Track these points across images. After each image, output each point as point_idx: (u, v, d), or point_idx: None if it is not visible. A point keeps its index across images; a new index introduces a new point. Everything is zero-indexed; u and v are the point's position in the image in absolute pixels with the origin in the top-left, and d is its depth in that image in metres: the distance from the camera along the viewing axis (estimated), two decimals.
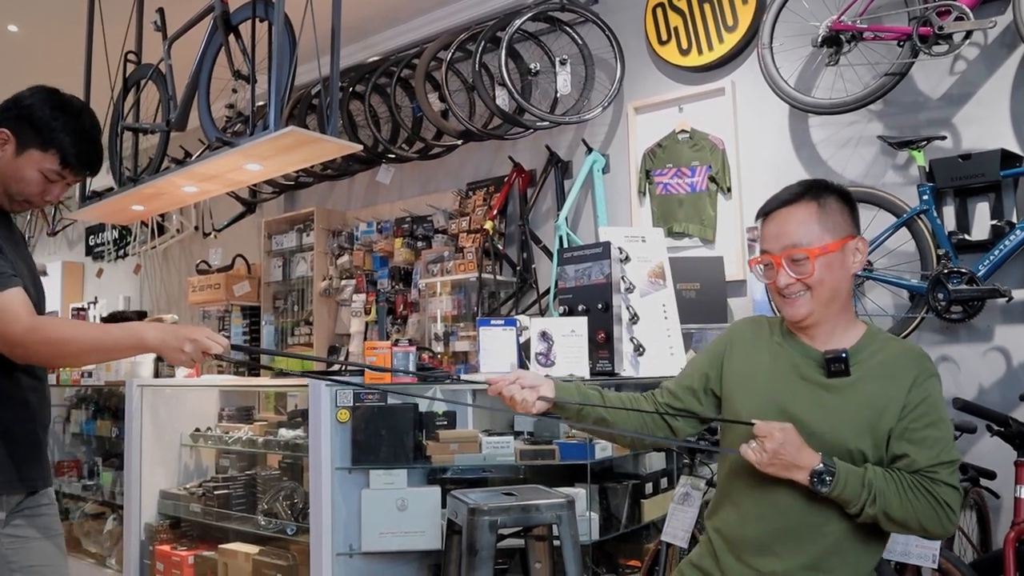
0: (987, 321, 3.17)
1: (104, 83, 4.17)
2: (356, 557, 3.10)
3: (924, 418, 1.66)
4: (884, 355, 1.73)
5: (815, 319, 1.75)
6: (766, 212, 1.80)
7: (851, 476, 1.61)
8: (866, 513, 1.61)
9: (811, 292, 1.72)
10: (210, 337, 1.83)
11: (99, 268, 8.44)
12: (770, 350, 1.83)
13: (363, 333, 5.33)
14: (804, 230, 1.72)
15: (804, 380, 1.74)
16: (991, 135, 3.21)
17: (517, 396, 1.77)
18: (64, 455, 5.21)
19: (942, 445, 1.65)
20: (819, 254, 1.70)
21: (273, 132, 3.08)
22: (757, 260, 1.80)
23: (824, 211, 1.74)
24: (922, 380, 1.69)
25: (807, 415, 1.69)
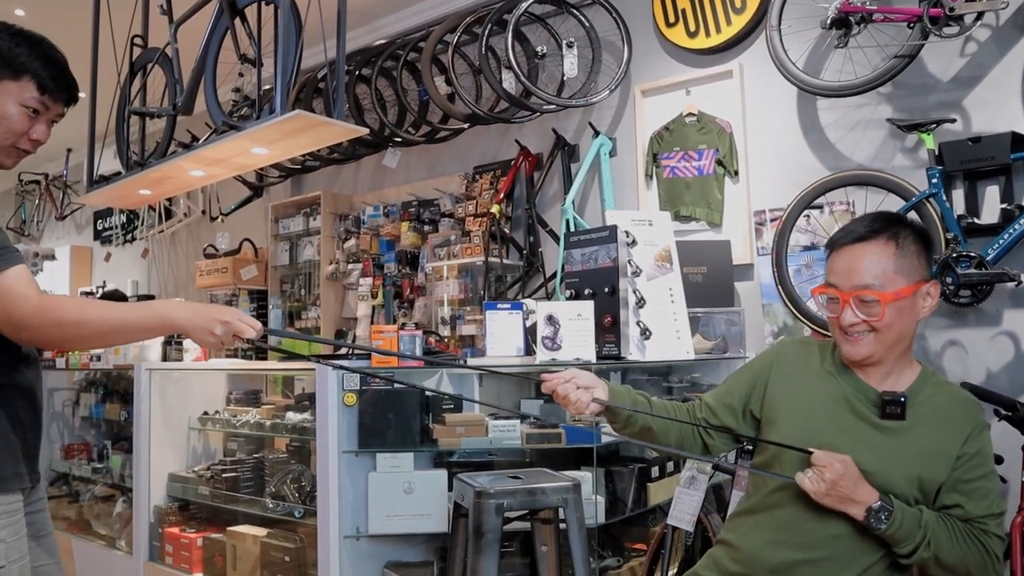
0: (996, 305, 3.15)
1: (111, 67, 4.17)
2: (363, 540, 3.12)
3: (977, 470, 1.64)
4: (939, 401, 1.69)
5: (875, 360, 1.70)
6: (838, 244, 1.72)
7: (907, 516, 1.58)
8: (918, 555, 1.58)
9: (876, 335, 1.66)
10: (242, 319, 1.73)
11: (107, 252, 8.46)
12: (820, 377, 1.77)
13: (370, 317, 5.34)
14: (878, 271, 1.65)
15: (856, 416, 1.70)
16: (1002, 118, 3.18)
17: (572, 396, 1.73)
18: (74, 438, 5.24)
19: (993, 497, 1.64)
20: (891, 300, 1.63)
21: (279, 116, 3.08)
22: (822, 290, 1.73)
23: (901, 252, 1.66)
24: (977, 433, 1.66)
25: (856, 453, 1.63)
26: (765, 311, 3.65)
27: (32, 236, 9.45)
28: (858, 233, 1.68)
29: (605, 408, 1.77)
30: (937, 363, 3.28)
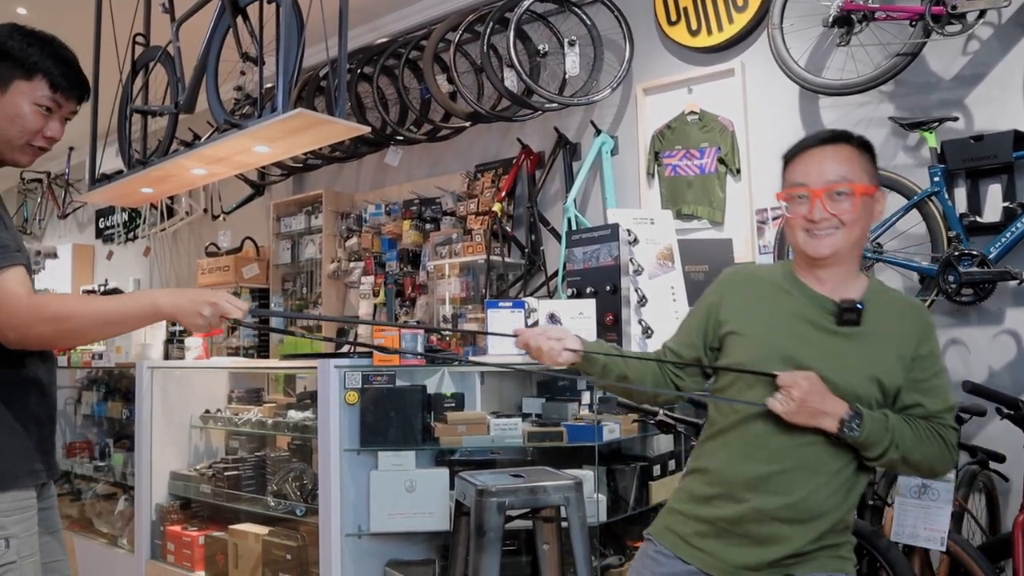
0: (998, 304, 3.15)
1: (113, 66, 4.17)
2: (365, 538, 3.12)
3: (931, 369, 1.72)
4: (890, 308, 1.75)
5: (838, 259, 1.74)
6: (803, 148, 1.77)
7: (876, 422, 1.63)
8: (886, 457, 1.64)
9: (843, 231, 1.71)
10: (229, 301, 1.74)
11: (109, 250, 8.47)
12: (774, 296, 1.81)
13: (371, 315, 5.34)
14: (848, 168, 1.71)
15: (814, 327, 1.74)
16: (1004, 116, 3.18)
17: (544, 345, 1.78)
18: (76, 436, 5.25)
19: (946, 393, 1.73)
20: (863, 192, 1.70)
21: (281, 114, 3.08)
22: (789, 191, 1.76)
23: (861, 157, 1.74)
24: (928, 334, 1.74)
25: (816, 362, 1.68)
26: None
27: (34, 234, 9.46)
28: (823, 137, 1.76)
29: (581, 360, 1.81)
30: None
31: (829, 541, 1.72)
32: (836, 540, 1.73)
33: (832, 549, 1.73)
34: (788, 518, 1.69)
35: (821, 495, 1.68)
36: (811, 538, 1.69)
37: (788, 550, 1.69)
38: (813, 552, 1.70)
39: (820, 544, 1.70)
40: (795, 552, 1.69)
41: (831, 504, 1.70)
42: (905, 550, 2.45)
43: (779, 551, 1.69)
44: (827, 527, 1.70)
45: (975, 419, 2.91)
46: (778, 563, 1.70)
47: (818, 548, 1.71)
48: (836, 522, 1.71)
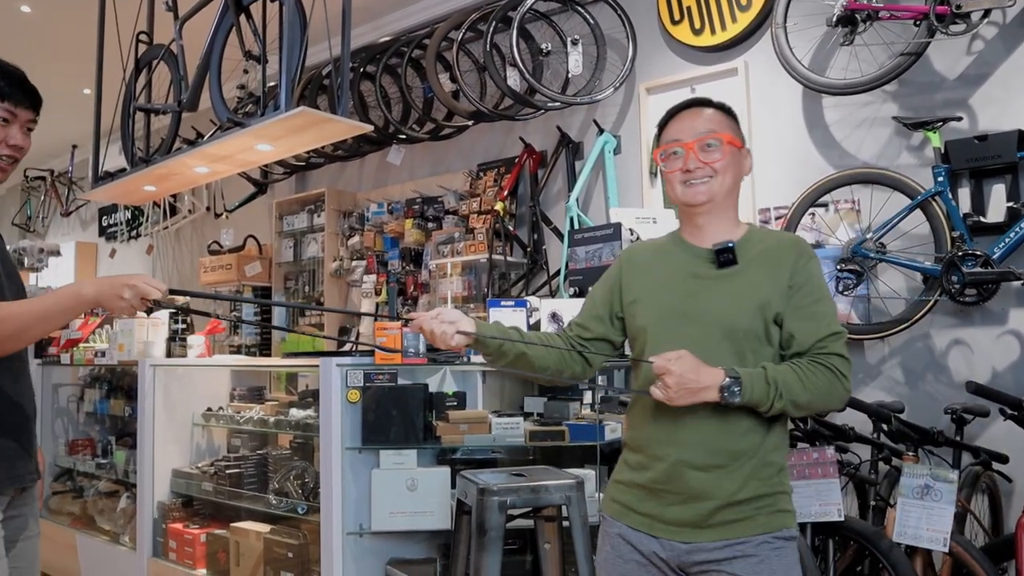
0: (1001, 304, 3.14)
1: (116, 64, 4.17)
2: (366, 537, 3.12)
3: (810, 295, 1.78)
4: (767, 244, 1.84)
5: (713, 206, 1.84)
6: (675, 112, 1.90)
7: (755, 379, 1.68)
8: (775, 408, 1.69)
9: (715, 179, 1.82)
10: (148, 282, 1.80)
11: (112, 248, 8.48)
12: (664, 260, 1.92)
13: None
14: (716, 122, 1.85)
15: (697, 278, 1.83)
16: (1008, 116, 3.17)
17: (437, 329, 1.80)
18: (78, 434, 5.26)
19: (829, 318, 1.77)
20: (730, 141, 1.83)
21: (284, 112, 3.08)
22: (664, 148, 1.87)
23: (726, 118, 1.89)
24: (804, 262, 1.80)
25: (702, 306, 1.79)
26: None
27: (37, 232, 9.47)
28: (694, 101, 1.91)
29: (474, 341, 1.85)
30: (941, 361, 3.28)
31: (762, 490, 1.75)
32: (768, 489, 1.76)
33: (768, 502, 1.75)
34: (708, 464, 1.74)
35: (734, 436, 1.74)
36: (738, 484, 1.73)
37: (720, 499, 1.73)
38: (747, 503, 1.73)
39: (752, 493, 1.74)
40: (728, 501, 1.73)
41: (747, 444, 1.74)
42: (907, 551, 2.45)
43: (711, 502, 1.74)
44: (750, 470, 1.74)
45: (978, 420, 2.91)
46: (716, 516, 1.73)
47: (751, 498, 1.73)
48: (760, 464, 1.75)
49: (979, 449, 2.90)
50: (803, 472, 2.57)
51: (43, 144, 8.55)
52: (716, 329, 1.76)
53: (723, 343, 1.75)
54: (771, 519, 1.75)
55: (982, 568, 2.33)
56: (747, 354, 1.75)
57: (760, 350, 1.76)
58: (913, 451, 2.65)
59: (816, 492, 2.54)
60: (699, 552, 1.75)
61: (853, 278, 3.28)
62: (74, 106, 6.78)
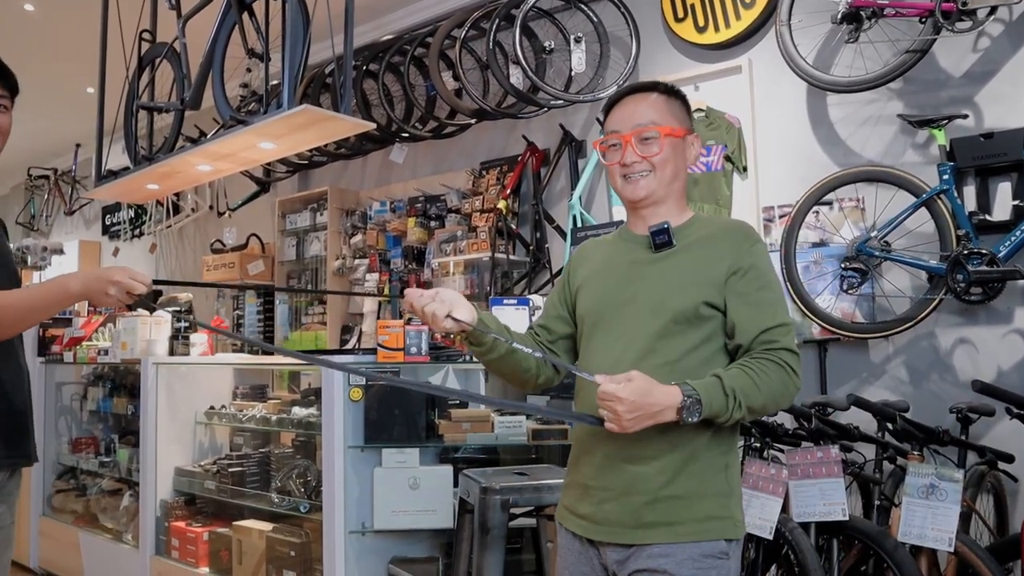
0: (1007, 303, 3.12)
1: (119, 62, 4.16)
2: (368, 535, 3.12)
3: (755, 282, 1.71)
4: (710, 229, 1.80)
5: (656, 198, 1.81)
6: (615, 100, 1.85)
7: (713, 392, 1.59)
8: (733, 418, 1.62)
9: (654, 173, 1.78)
10: (133, 277, 1.85)
11: (115, 247, 8.49)
12: (606, 253, 1.89)
13: (376, 312, 5.34)
14: (655, 113, 1.79)
15: (636, 264, 1.80)
16: (1015, 114, 3.15)
17: (428, 309, 1.69)
18: (81, 432, 5.26)
19: (776, 307, 1.71)
20: (669, 133, 1.77)
21: (287, 110, 3.07)
22: (603, 142, 1.83)
23: (670, 104, 1.83)
24: (749, 246, 1.75)
25: (639, 290, 1.75)
26: None
27: (41, 231, 9.49)
28: (635, 88, 1.85)
29: (467, 332, 1.75)
30: (946, 360, 3.26)
31: (695, 488, 1.67)
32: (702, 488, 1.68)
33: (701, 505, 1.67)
34: (637, 456, 1.69)
35: (666, 427, 1.63)
36: (667, 476, 1.66)
37: (649, 494, 1.67)
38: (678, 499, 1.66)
39: (683, 490, 1.67)
40: (656, 496, 1.66)
41: (680, 436, 1.66)
42: (912, 551, 2.44)
43: (641, 497, 1.68)
44: (681, 463, 1.67)
45: (984, 419, 2.90)
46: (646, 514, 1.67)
47: (682, 496, 1.67)
48: (693, 459, 1.68)
49: (985, 448, 2.89)
50: (807, 471, 2.56)
51: (46, 143, 8.56)
52: (647, 311, 1.72)
53: (652, 324, 1.70)
54: (704, 527, 1.67)
55: (987, 568, 2.31)
56: (675, 336, 1.69)
57: (688, 332, 1.69)
58: (918, 450, 2.64)
59: (820, 491, 2.53)
60: (633, 561, 1.69)
61: (857, 277, 3.26)
62: (77, 105, 6.78)
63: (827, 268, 3.44)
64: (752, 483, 2.65)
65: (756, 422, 2.77)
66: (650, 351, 1.70)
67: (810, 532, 2.54)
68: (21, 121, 8.03)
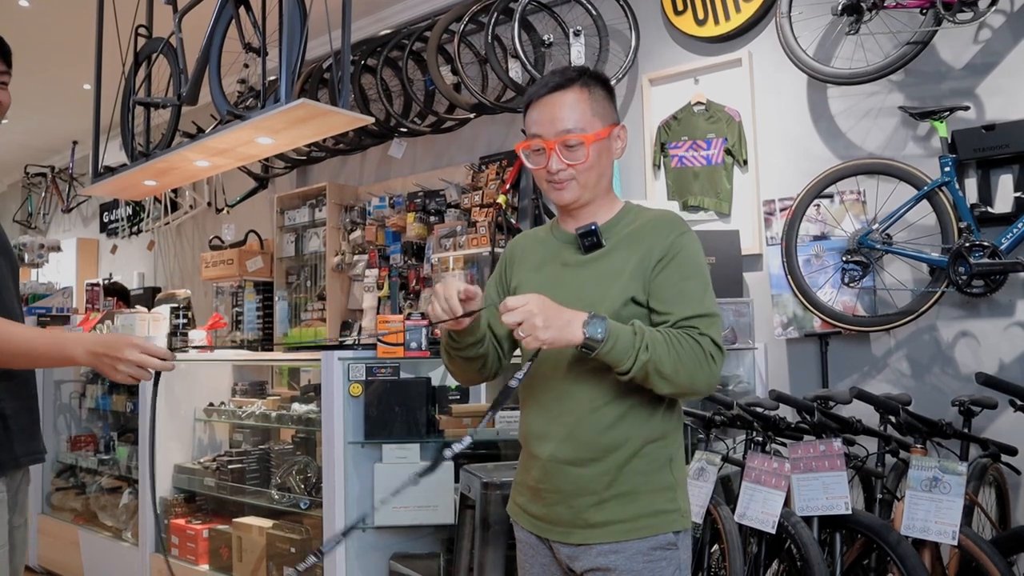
0: (1009, 296, 3.11)
1: (115, 57, 4.15)
2: (369, 531, 3.11)
3: (679, 271, 1.68)
4: (638, 223, 1.76)
5: (584, 201, 1.77)
6: (536, 97, 1.76)
7: (621, 329, 1.57)
8: (638, 364, 1.56)
9: (579, 178, 1.73)
10: (147, 351, 1.74)
11: (113, 244, 8.47)
12: (538, 251, 1.85)
13: (376, 308, 5.32)
14: (578, 116, 1.71)
15: (566, 266, 1.76)
16: (1016, 105, 3.14)
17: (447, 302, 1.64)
18: (80, 430, 5.25)
19: (699, 298, 1.67)
20: (594, 140, 1.71)
21: (284, 104, 3.06)
22: (527, 144, 1.76)
23: (593, 98, 1.75)
24: (675, 237, 1.71)
25: (566, 294, 1.67)
26: (774, 301, 3.61)
27: (39, 228, 9.47)
28: (554, 83, 1.74)
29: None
30: (948, 353, 3.25)
31: (639, 485, 1.67)
32: (646, 484, 1.68)
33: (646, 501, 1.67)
34: (579, 459, 1.68)
35: (605, 428, 1.65)
36: (610, 477, 1.66)
37: (594, 494, 1.67)
38: (622, 497, 1.66)
39: (627, 487, 1.66)
40: (602, 497, 1.66)
41: (620, 435, 1.66)
42: (915, 544, 2.43)
43: (587, 498, 1.67)
44: (623, 462, 1.66)
45: (986, 412, 2.89)
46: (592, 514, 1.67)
47: (626, 493, 1.66)
48: (635, 456, 1.67)
49: (988, 441, 2.88)
50: (810, 465, 2.55)
51: (43, 140, 8.54)
52: None
53: None
54: (651, 522, 1.67)
55: (991, 561, 2.30)
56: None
57: None
58: (921, 443, 2.63)
59: (823, 485, 2.52)
60: (584, 558, 1.69)
61: (859, 270, 3.25)
62: (74, 101, 6.76)
63: (828, 261, 3.43)
64: (754, 477, 2.64)
65: (758, 416, 2.76)
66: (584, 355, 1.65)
67: (813, 526, 2.53)
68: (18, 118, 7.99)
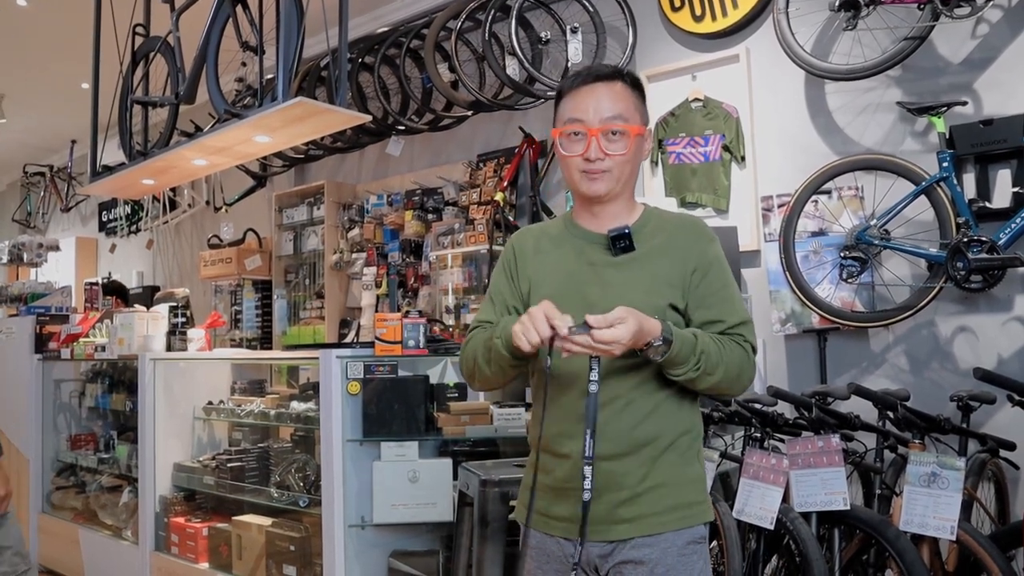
0: (1007, 291, 3.11)
1: (113, 56, 4.15)
2: (368, 529, 3.11)
3: (717, 281, 1.72)
4: (665, 227, 1.77)
5: (614, 195, 1.74)
6: (577, 84, 1.73)
7: (682, 333, 1.60)
8: (695, 367, 1.60)
9: (615, 170, 1.71)
10: None
11: (112, 243, 8.48)
12: (557, 246, 1.80)
13: (374, 306, 5.32)
14: (624, 106, 1.70)
15: (594, 266, 1.73)
16: (1014, 100, 3.13)
17: None
18: (80, 429, 5.26)
19: (738, 303, 1.73)
20: (638, 132, 1.71)
21: (282, 103, 3.06)
22: (566, 128, 1.72)
23: (634, 96, 1.74)
24: (705, 245, 1.74)
25: (600, 295, 1.67)
26: (772, 298, 3.61)
27: (38, 228, 9.47)
28: (601, 73, 1.73)
29: None
30: (946, 349, 3.25)
31: (671, 478, 1.67)
32: (676, 478, 1.68)
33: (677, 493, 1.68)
34: (612, 454, 1.66)
35: (636, 422, 1.64)
36: (644, 470, 1.65)
37: (628, 489, 1.66)
38: (655, 490, 1.65)
39: (660, 480, 1.66)
40: (635, 491, 1.65)
41: (652, 429, 1.66)
42: (913, 539, 2.43)
43: (620, 493, 1.66)
44: (656, 455, 1.66)
45: (984, 407, 2.88)
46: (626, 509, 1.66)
47: (659, 486, 1.66)
48: (667, 450, 1.68)
49: (986, 436, 2.88)
50: (808, 461, 2.55)
51: (42, 139, 8.54)
52: None
53: None
54: (685, 514, 1.69)
55: (990, 556, 2.30)
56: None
57: None
58: (920, 439, 2.63)
59: (821, 481, 2.52)
60: (616, 553, 1.68)
61: (857, 265, 3.24)
62: (72, 101, 6.74)
63: (826, 257, 3.42)
64: (753, 473, 2.64)
65: (756, 412, 2.76)
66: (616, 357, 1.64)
67: (811, 522, 2.53)
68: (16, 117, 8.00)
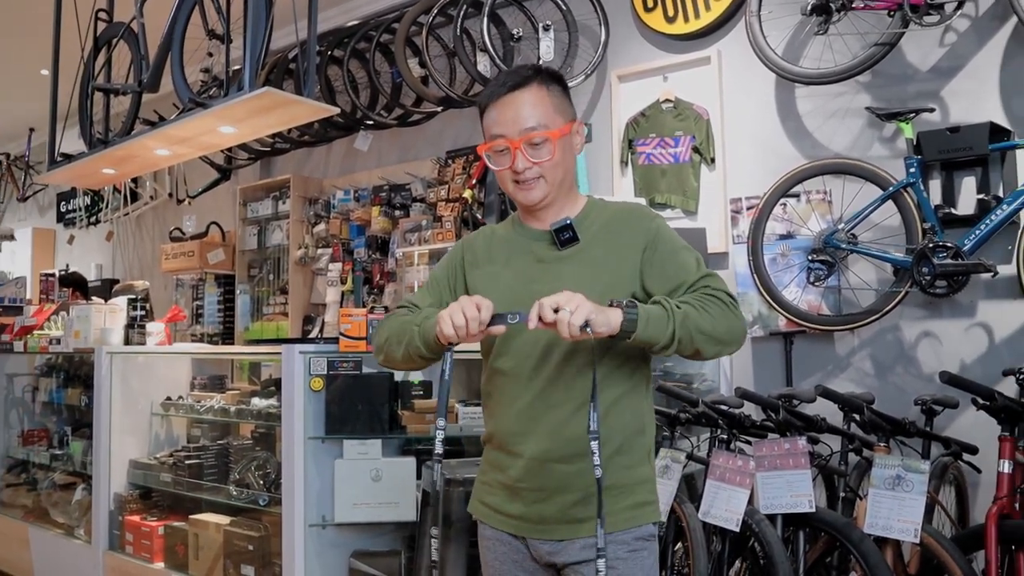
0: (970, 296, 3.14)
1: (74, 42, 4.05)
2: (329, 528, 3.06)
3: (668, 248, 1.71)
4: (608, 214, 1.78)
5: (550, 199, 1.75)
6: (494, 98, 1.73)
7: (647, 306, 1.57)
8: (679, 331, 1.55)
9: (546, 176, 1.71)
10: None
11: (70, 235, 8.30)
12: (504, 250, 1.81)
13: (339, 302, 5.26)
14: (540, 113, 1.70)
15: (541, 262, 1.74)
16: (980, 108, 3.17)
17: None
18: (33, 424, 5.12)
19: (697, 264, 1.71)
20: (559, 136, 1.70)
21: (248, 93, 3.00)
22: (489, 146, 1.74)
23: (552, 95, 1.74)
24: (648, 223, 1.74)
25: (546, 290, 1.59)
26: (740, 300, 3.60)
27: None
28: (512, 82, 1.72)
29: None
30: (911, 353, 3.28)
31: (622, 479, 1.69)
32: (629, 478, 1.70)
33: (629, 493, 1.70)
34: (565, 455, 1.67)
35: (585, 423, 1.58)
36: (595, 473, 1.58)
37: (580, 490, 1.66)
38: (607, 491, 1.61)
39: (612, 481, 1.65)
40: (588, 492, 1.64)
41: (605, 430, 1.61)
42: (877, 542, 2.44)
43: (572, 495, 1.67)
44: (609, 456, 1.63)
45: (947, 411, 2.91)
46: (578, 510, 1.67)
47: (611, 487, 1.64)
48: (620, 451, 1.68)
49: (950, 440, 2.90)
50: (774, 463, 2.55)
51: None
52: None
53: None
54: (635, 514, 1.70)
55: (952, 559, 2.32)
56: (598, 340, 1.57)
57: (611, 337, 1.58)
58: (885, 442, 2.65)
59: (787, 483, 2.52)
60: (566, 552, 1.69)
61: (824, 269, 3.27)
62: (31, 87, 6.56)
63: (794, 260, 3.44)
64: (719, 475, 2.63)
65: (723, 413, 2.75)
66: (573, 350, 1.67)
67: (776, 524, 2.53)
68: None
